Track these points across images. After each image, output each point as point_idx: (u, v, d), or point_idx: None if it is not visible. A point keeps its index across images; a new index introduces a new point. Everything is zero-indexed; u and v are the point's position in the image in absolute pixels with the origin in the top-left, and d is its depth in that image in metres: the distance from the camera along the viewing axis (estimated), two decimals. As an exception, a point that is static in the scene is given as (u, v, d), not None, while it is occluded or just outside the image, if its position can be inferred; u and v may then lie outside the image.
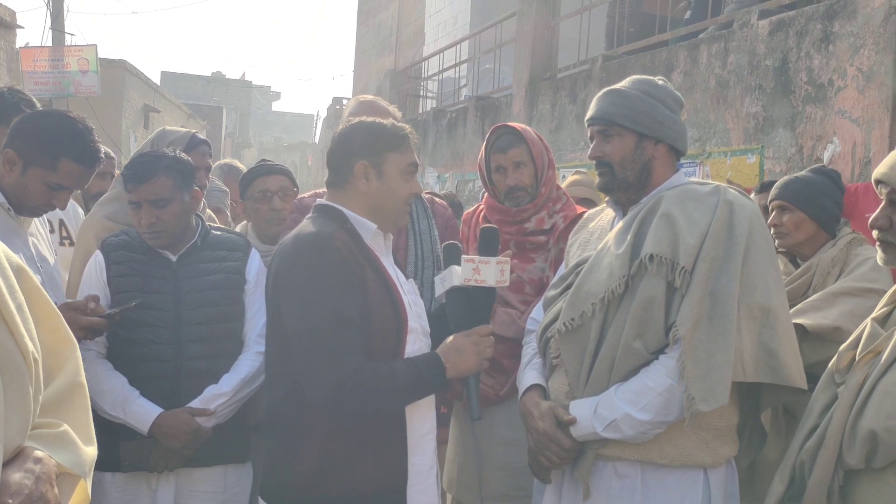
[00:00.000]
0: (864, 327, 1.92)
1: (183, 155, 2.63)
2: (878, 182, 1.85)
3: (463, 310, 2.16)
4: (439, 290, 2.19)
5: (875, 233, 1.86)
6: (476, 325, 2.13)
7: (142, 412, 2.42)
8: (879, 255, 1.87)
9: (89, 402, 1.53)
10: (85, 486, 1.41)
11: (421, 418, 2.14)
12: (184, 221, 2.58)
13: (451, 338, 2.12)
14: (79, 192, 4.18)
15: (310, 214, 2.20)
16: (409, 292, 2.20)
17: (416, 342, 2.14)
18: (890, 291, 1.96)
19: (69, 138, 2.30)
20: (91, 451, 1.44)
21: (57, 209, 2.40)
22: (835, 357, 1.97)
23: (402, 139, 2.16)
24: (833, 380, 1.92)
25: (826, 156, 4.52)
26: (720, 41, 5.46)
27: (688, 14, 5.97)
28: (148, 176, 2.48)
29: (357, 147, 2.13)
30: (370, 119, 2.23)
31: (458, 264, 2.14)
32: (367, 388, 1.95)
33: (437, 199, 3.05)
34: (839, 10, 4.50)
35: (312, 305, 1.98)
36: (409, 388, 2.03)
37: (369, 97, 2.90)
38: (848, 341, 1.96)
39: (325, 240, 2.03)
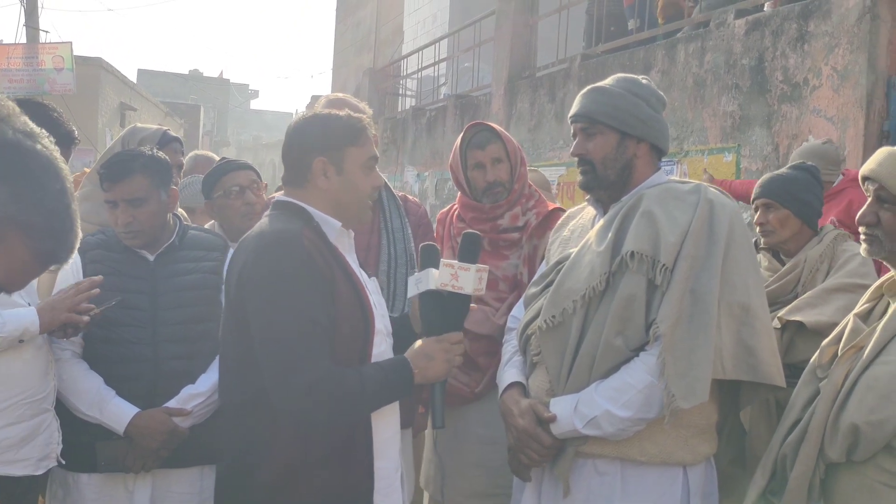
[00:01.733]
0: (847, 323, 1.95)
1: (160, 154, 2.60)
2: (866, 179, 1.87)
3: (436, 314, 2.10)
4: (413, 291, 2.14)
5: (862, 228, 1.88)
6: (448, 332, 2.08)
7: (118, 412, 2.40)
8: (864, 248, 1.89)
9: None
10: None
11: (385, 422, 2.10)
12: (160, 220, 2.55)
13: (420, 342, 2.07)
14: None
15: (269, 211, 2.11)
16: (373, 291, 2.15)
17: (382, 343, 2.10)
18: (872, 287, 1.98)
19: (45, 125, 2.28)
20: None
21: None
22: (817, 352, 1.99)
23: (360, 131, 2.07)
24: (815, 375, 1.94)
25: (802, 154, 4.57)
26: (697, 40, 5.50)
27: (697, 10, 5.94)
28: (124, 175, 2.46)
29: (314, 142, 2.04)
30: (325, 112, 2.14)
31: (436, 267, 2.09)
32: (337, 394, 1.89)
33: (409, 198, 3.04)
34: (814, 10, 4.55)
35: (280, 308, 1.90)
36: (377, 393, 1.97)
37: (340, 95, 2.87)
38: (830, 337, 1.98)
39: (293, 238, 1.95)
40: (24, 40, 16.31)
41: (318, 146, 2.04)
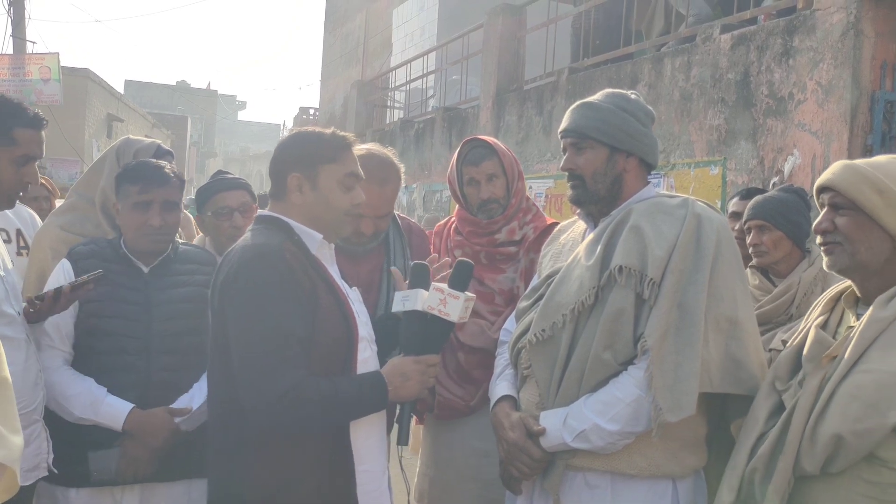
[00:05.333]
0: (805, 334, 1.96)
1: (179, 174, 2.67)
2: (823, 189, 1.91)
3: (417, 335, 2.13)
4: (398, 307, 2.16)
5: (819, 238, 1.91)
6: (426, 353, 2.12)
7: (113, 410, 2.39)
8: (826, 262, 1.91)
9: (13, 395, 1.60)
10: (14, 474, 1.48)
11: (368, 428, 2.13)
12: (176, 229, 2.63)
13: (397, 360, 2.11)
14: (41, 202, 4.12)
15: (252, 226, 2.16)
16: (355, 301, 2.19)
17: (366, 350, 2.14)
18: (825, 300, 2.01)
19: (11, 110, 2.30)
20: (18, 441, 1.49)
21: (28, 187, 2.36)
22: (772, 365, 2.00)
23: (340, 150, 2.13)
24: (774, 387, 1.94)
25: (786, 168, 4.61)
26: (684, 55, 5.55)
27: (683, 25, 5.97)
28: (166, 180, 2.54)
29: (292, 159, 2.12)
30: (309, 129, 2.20)
31: (426, 288, 2.12)
32: (306, 402, 1.92)
33: (414, 226, 2.98)
34: (798, 25, 4.60)
35: (255, 318, 1.95)
36: (348, 405, 2.01)
37: (380, 153, 2.73)
38: (787, 350, 1.98)
39: (274, 251, 2.00)
40: (10, 51, 16.23)
41: (295, 162, 2.11)
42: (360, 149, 2.71)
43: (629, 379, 1.98)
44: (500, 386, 2.27)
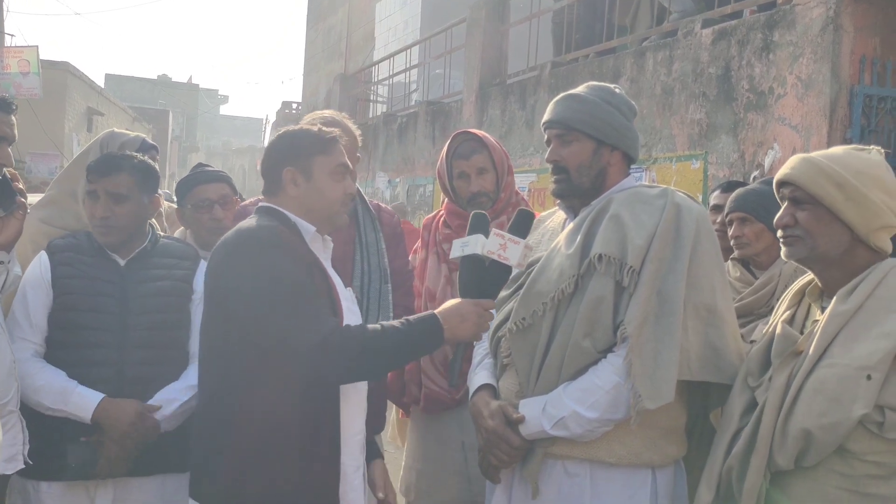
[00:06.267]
0: (772, 329, 1.97)
1: (153, 163, 2.63)
2: (781, 185, 1.93)
3: (475, 280, 2.12)
4: (456, 253, 2.14)
5: (780, 232, 1.93)
6: (484, 299, 2.12)
7: (82, 401, 2.36)
8: (784, 252, 1.93)
9: None
10: None
11: (351, 418, 2.14)
12: (137, 223, 2.56)
13: (455, 301, 2.11)
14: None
15: (251, 217, 2.21)
16: (346, 298, 2.20)
17: None
18: (790, 294, 2.03)
19: None
20: None
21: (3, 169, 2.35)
22: (744, 361, 2.01)
23: (329, 142, 2.19)
24: (747, 383, 1.95)
25: (767, 162, 4.65)
26: (665, 49, 5.57)
27: (675, 14, 5.96)
28: (112, 170, 2.50)
29: (284, 155, 2.18)
30: (297, 127, 2.30)
31: (485, 234, 2.11)
32: (352, 343, 1.94)
33: (383, 207, 3.04)
34: (779, 20, 4.63)
35: (274, 280, 1.97)
36: (399, 346, 2.01)
37: (328, 113, 2.86)
38: (757, 345, 2.00)
39: (272, 229, 2.06)
40: (-12, 43, 16.06)
41: (288, 157, 2.18)
42: (305, 119, 2.76)
43: (608, 366, 1.99)
44: (480, 375, 2.27)
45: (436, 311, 2.07)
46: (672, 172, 5.38)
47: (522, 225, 2.15)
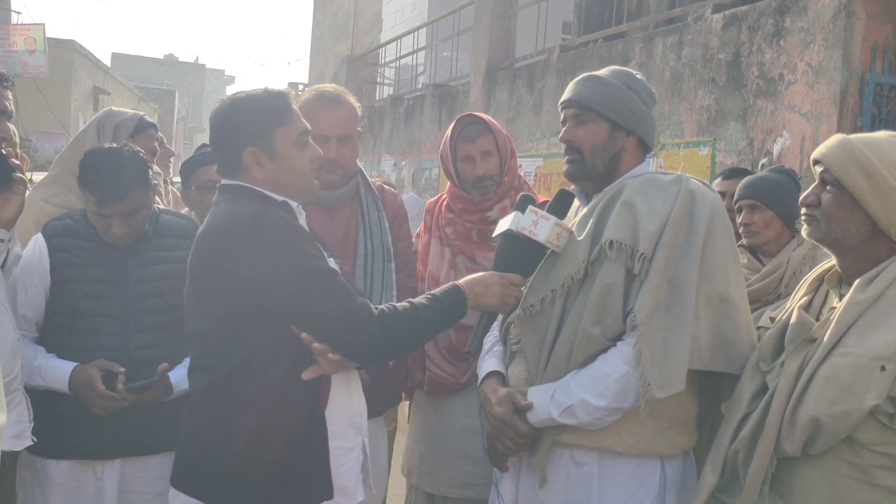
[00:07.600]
0: (789, 315, 1.96)
1: (139, 151, 2.54)
2: (815, 162, 1.91)
3: (507, 256, 2.14)
4: (498, 231, 2.18)
5: (804, 210, 1.91)
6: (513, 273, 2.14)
7: (57, 373, 2.38)
8: (804, 230, 1.92)
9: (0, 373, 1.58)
10: None
11: (339, 400, 2.10)
12: (149, 218, 2.55)
13: (479, 273, 2.14)
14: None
15: (220, 196, 2.05)
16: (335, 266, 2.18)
17: None
18: (809, 280, 2.01)
19: None
20: (1, 418, 1.51)
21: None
22: (757, 346, 2.00)
23: (284, 109, 2.03)
24: (759, 368, 1.94)
25: (776, 149, 4.62)
26: (675, 34, 5.53)
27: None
28: (124, 194, 2.40)
29: (241, 134, 2.00)
30: (246, 93, 2.08)
31: (523, 213, 2.12)
32: (396, 324, 1.97)
33: (386, 188, 3.03)
34: (790, 6, 4.59)
35: (311, 267, 1.95)
36: (433, 318, 2.05)
37: (329, 86, 2.81)
38: (771, 330, 1.98)
39: (269, 213, 1.97)
40: (-6, 21, 16.02)
41: (247, 135, 2.00)
42: (307, 92, 2.74)
43: (618, 354, 1.97)
44: (489, 362, 2.26)
45: (458, 282, 2.10)
46: (680, 159, 5.35)
47: (561, 205, 2.16)
